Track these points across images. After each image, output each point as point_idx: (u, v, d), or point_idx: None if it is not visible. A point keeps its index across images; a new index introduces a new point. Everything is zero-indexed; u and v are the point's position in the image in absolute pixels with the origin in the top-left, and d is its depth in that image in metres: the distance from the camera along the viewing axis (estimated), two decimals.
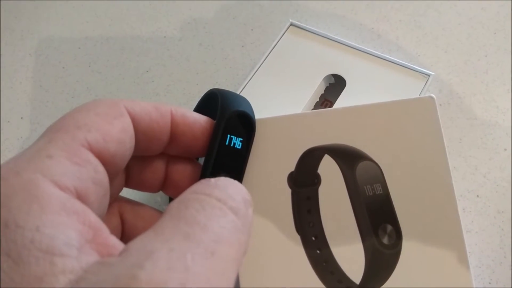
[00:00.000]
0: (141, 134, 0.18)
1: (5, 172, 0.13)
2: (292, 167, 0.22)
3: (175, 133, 0.19)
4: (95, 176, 0.15)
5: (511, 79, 0.33)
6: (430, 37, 0.35)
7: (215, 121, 0.20)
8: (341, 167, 0.22)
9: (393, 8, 0.36)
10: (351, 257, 0.21)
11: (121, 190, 0.20)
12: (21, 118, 0.34)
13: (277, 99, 0.29)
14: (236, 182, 0.16)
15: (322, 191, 0.22)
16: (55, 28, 0.38)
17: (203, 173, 0.20)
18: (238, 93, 0.29)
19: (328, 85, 0.31)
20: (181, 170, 0.21)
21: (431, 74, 0.29)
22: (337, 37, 0.31)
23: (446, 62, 0.34)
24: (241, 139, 0.21)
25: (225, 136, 0.20)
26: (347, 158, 0.22)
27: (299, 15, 0.36)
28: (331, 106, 0.31)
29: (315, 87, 0.29)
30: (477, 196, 0.29)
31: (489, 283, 0.26)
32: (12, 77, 0.35)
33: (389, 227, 0.22)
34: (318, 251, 0.22)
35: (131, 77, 0.35)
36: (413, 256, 0.21)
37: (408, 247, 0.21)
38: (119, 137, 0.16)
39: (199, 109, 0.23)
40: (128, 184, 0.20)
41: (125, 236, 0.20)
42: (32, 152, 0.14)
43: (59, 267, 0.12)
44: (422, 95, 0.28)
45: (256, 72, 0.30)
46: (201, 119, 0.20)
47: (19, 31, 0.38)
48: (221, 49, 0.35)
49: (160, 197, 0.29)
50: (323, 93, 0.31)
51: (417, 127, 0.22)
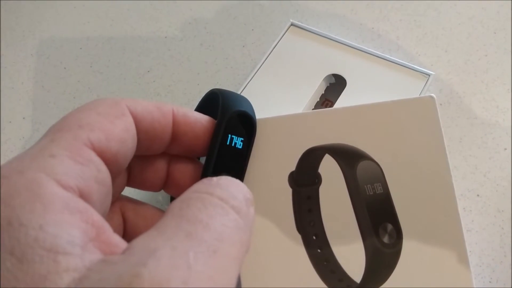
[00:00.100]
0: (143, 133, 0.18)
1: (8, 171, 0.13)
2: (293, 167, 0.22)
3: (176, 132, 0.19)
4: (97, 175, 0.15)
5: (511, 78, 0.33)
6: (430, 36, 0.35)
7: (216, 121, 0.20)
8: (341, 166, 0.22)
9: (393, 8, 0.36)
10: (351, 256, 0.21)
11: (123, 189, 0.20)
12: (23, 118, 0.34)
13: (278, 99, 0.29)
14: (237, 181, 0.16)
15: (322, 190, 0.22)
16: (56, 28, 0.38)
17: (204, 172, 0.20)
18: (239, 93, 0.29)
19: (328, 85, 0.31)
20: (183, 169, 0.21)
21: (431, 73, 0.29)
22: (337, 37, 0.31)
23: (446, 61, 0.34)
24: (242, 139, 0.21)
25: (226, 136, 0.20)
26: (348, 157, 0.22)
27: (299, 15, 0.37)
28: (331, 106, 0.31)
29: (316, 87, 0.30)
30: (477, 195, 0.29)
31: (489, 282, 0.26)
32: (13, 77, 0.35)
33: (390, 226, 0.22)
34: (319, 250, 0.22)
35: (132, 77, 0.35)
36: (413, 255, 0.21)
37: (408, 246, 0.21)
38: (121, 136, 0.16)
39: (200, 109, 0.23)
40: (130, 183, 0.20)
41: (127, 235, 0.20)
42: (35, 151, 0.14)
43: (63, 265, 0.12)
44: (422, 95, 0.28)
45: (256, 72, 0.30)
46: (203, 119, 0.20)
47: (21, 31, 0.38)
48: (221, 49, 0.35)
49: (161, 196, 0.29)
50: (323, 93, 0.31)
51: (417, 126, 0.22)
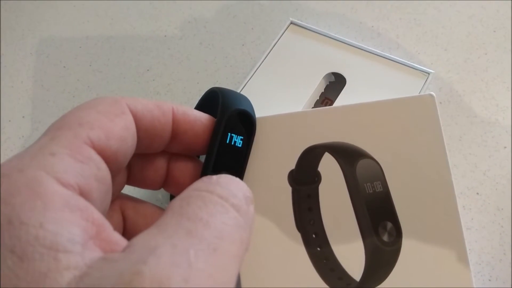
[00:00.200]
0: (143, 131, 0.18)
1: (8, 169, 0.13)
2: (292, 165, 0.22)
3: (176, 131, 0.19)
4: (97, 173, 0.15)
5: (511, 77, 0.33)
6: (430, 35, 0.35)
7: (216, 119, 0.20)
8: (341, 165, 0.22)
9: (393, 6, 0.36)
10: (351, 255, 0.21)
11: (123, 187, 0.20)
12: (23, 117, 0.34)
13: (278, 98, 0.29)
14: (237, 179, 0.16)
15: (322, 189, 0.22)
16: (56, 27, 0.38)
17: (204, 171, 0.20)
18: (238, 91, 0.29)
19: (328, 83, 0.31)
20: (183, 167, 0.21)
21: (431, 72, 0.29)
22: (337, 36, 0.31)
23: (446, 60, 0.34)
24: (242, 138, 0.21)
25: (225, 134, 0.20)
26: (347, 156, 0.22)
27: (299, 13, 0.37)
28: (331, 104, 0.31)
29: (315, 86, 0.30)
30: (477, 193, 0.29)
31: (489, 280, 0.26)
32: (13, 76, 0.35)
33: (389, 225, 0.22)
34: (318, 249, 0.22)
35: (132, 76, 0.35)
36: (413, 253, 0.21)
37: (408, 244, 0.21)
38: (121, 134, 0.16)
39: (200, 107, 0.23)
40: (129, 181, 0.20)
41: (127, 233, 0.20)
42: (34, 149, 0.14)
43: (63, 263, 0.12)
44: (422, 93, 0.28)
45: (256, 70, 0.30)
46: (202, 117, 0.20)
47: (20, 30, 0.38)
48: (221, 48, 0.35)
49: (161, 194, 0.29)
50: (323, 91, 0.31)
51: (417, 125, 0.22)
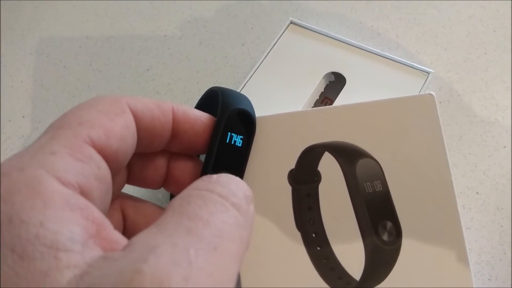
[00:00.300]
0: (143, 131, 0.18)
1: (8, 168, 0.13)
2: (292, 165, 0.22)
3: (176, 130, 0.19)
4: (98, 172, 0.15)
5: (510, 76, 0.33)
6: (429, 35, 0.35)
7: (216, 119, 0.20)
8: (341, 164, 0.22)
9: (393, 6, 0.36)
10: (351, 254, 0.21)
11: (123, 186, 0.20)
12: (23, 116, 0.34)
13: (277, 97, 0.29)
14: (237, 178, 0.16)
15: (322, 188, 0.22)
16: (55, 27, 0.38)
17: (204, 170, 0.20)
18: (238, 91, 0.29)
19: (328, 83, 0.31)
20: (183, 167, 0.21)
21: (430, 71, 0.29)
22: (337, 35, 0.31)
23: (445, 59, 0.34)
24: (242, 137, 0.21)
25: (225, 134, 0.20)
26: (347, 155, 0.22)
27: (299, 13, 0.37)
28: (331, 104, 0.31)
29: (315, 85, 0.30)
30: (477, 193, 0.29)
31: (489, 280, 0.26)
32: (13, 76, 0.35)
33: (389, 224, 0.22)
34: (318, 248, 0.22)
35: (131, 75, 0.35)
36: (413, 253, 0.21)
37: (407, 244, 0.21)
38: (121, 133, 0.16)
39: (200, 107, 0.23)
40: (130, 180, 0.20)
41: (127, 232, 0.20)
42: (35, 148, 0.14)
43: (64, 262, 0.12)
44: (421, 93, 0.28)
45: (256, 70, 0.30)
46: (202, 117, 0.20)
47: (20, 30, 0.38)
48: (221, 47, 0.35)
49: (161, 194, 0.29)
50: (323, 91, 0.31)
51: (416, 124, 0.22)
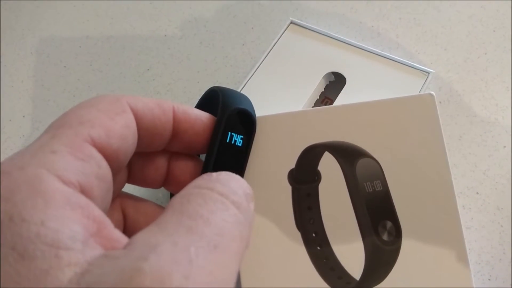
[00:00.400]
0: (144, 130, 0.18)
1: (9, 166, 0.13)
2: (292, 164, 0.22)
3: (177, 129, 0.19)
4: (98, 171, 0.15)
5: (510, 76, 0.33)
6: (429, 35, 0.35)
7: (216, 119, 0.20)
8: (341, 164, 0.22)
9: (393, 6, 0.36)
10: (351, 254, 0.21)
11: (123, 186, 0.20)
12: (23, 116, 0.34)
13: (278, 97, 0.29)
14: (237, 176, 0.16)
15: (322, 188, 0.22)
16: (56, 27, 0.38)
17: (204, 170, 0.20)
18: (238, 91, 0.29)
19: (328, 82, 0.31)
20: (183, 166, 0.21)
21: (430, 71, 0.29)
22: (337, 35, 0.31)
23: (445, 59, 0.34)
24: (242, 137, 0.21)
25: (226, 133, 0.20)
26: (347, 155, 0.22)
27: (299, 13, 0.37)
28: (331, 103, 0.31)
29: (315, 85, 0.30)
30: (477, 193, 0.29)
31: (489, 280, 0.26)
32: (13, 75, 0.35)
33: (389, 224, 0.22)
34: (318, 248, 0.22)
35: (132, 75, 0.35)
36: (412, 252, 0.21)
37: (407, 243, 0.21)
38: (122, 133, 0.16)
39: (200, 107, 0.23)
40: (130, 180, 0.20)
41: (127, 231, 0.20)
42: (35, 147, 0.14)
43: (65, 260, 0.12)
44: (421, 93, 0.28)
45: (256, 70, 0.30)
46: (203, 116, 0.20)
47: (20, 30, 0.38)
48: (221, 47, 0.35)
49: (161, 193, 0.29)
50: (323, 90, 0.31)
51: (416, 124, 0.22)
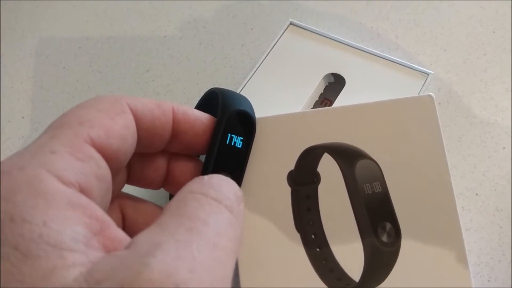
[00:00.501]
0: (143, 130, 0.18)
1: (8, 167, 0.13)
2: (292, 166, 0.22)
3: (176, 130, 0.19)
4: (98, 171, 0.15)
5: (510, 77, 0.33)
6: (429, 36, 0.35)
7: (216, 120, 0.20)
8: (340, 165, 0.22)
9: (392, 7, 0.36)
10: (350, 255, 0.21)
11: (123, 186, 0.20)
12: (22, 117, 0.34)
13: (277, 98, 0.29)
14: (227, 179, 0.17)
15: (321, 189, 0.22)
16: (55, 28, 0.38)
17: (204, 171, 0.20)
18: (238, 92, 0.29)
19: (327, 84, 0.31)
20: (182, 167, 0.21)
21: (430, 73, 0.29)
22: (336, 36, 0.31)
23: (445, 61, 0.34)
24: (242, 138, 0.21)
25: (225, 135, 0.20)
26: (347, 156, 0.22)
27: (298, 14, 0.37)
28: (330, 105, 0.31)
29: (315, 86, 0.30)
30: (476, 194, 0.29)
31: (488, 281, 0.26)
32: (13, 76, 0.35)
33: (388, 225, 0.22)
34: (317, 249, 0.22)
35: (131, 76, 0.35)
36: (412, 254, 0.21)
37: (407, 245, 0.21)
38: (122, 133, 0.16)
39: (199, 108, 0.23)
40: (129, 180, 0.20)
41: (126, 231, 0.20)
42: (35, 147, 0.14)
43: (69, 260, 0.12)
44: (421, 94, 0.28)
45: (256, 71, 0.30)
46: (203, 117, 0.20)
47: (20, 31, 0.38)
48: (221, 48, 0.35)
49: (161, 194, 0.29)
50: (322, 92, 0.31)
51: (416, 125, 0.22)
